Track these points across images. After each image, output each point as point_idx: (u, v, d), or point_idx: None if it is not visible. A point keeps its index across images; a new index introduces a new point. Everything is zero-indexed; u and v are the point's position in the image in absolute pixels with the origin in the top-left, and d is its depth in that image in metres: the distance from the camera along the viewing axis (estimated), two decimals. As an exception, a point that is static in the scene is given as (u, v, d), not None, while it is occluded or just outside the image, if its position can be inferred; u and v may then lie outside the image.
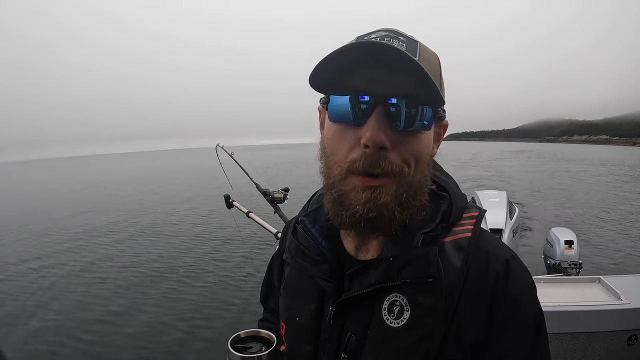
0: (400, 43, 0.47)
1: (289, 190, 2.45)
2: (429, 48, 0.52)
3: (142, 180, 21.60)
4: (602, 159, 32.80)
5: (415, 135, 0.49)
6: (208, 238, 7.75)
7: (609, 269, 5.52)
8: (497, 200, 4.44)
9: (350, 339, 0.55)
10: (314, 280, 0.60)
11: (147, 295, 4.93)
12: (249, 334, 0.57)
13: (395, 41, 0.47)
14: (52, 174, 35.18)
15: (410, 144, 0.49)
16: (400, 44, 0.47)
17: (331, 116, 0.51)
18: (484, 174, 20.29)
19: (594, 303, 2.01)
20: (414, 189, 0.51)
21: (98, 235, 8.40)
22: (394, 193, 0.49)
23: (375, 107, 0.47)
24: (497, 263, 0.52)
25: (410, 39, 0.50)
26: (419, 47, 0.49)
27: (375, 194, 0.49)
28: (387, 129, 0.47)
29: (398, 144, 0.48)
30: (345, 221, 0.51)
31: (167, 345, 3.71)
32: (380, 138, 0.46)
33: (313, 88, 0.52)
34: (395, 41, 0.47)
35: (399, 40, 0.48)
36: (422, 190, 0.52)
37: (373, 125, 0.47)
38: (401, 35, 0.50)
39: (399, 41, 0.48)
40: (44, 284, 5.44)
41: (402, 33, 0.50)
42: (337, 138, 0.51)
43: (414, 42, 0.50)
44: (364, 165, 0.48)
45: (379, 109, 0.47)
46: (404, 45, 0.47)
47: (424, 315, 0.50)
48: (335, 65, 0.48)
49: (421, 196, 0.52)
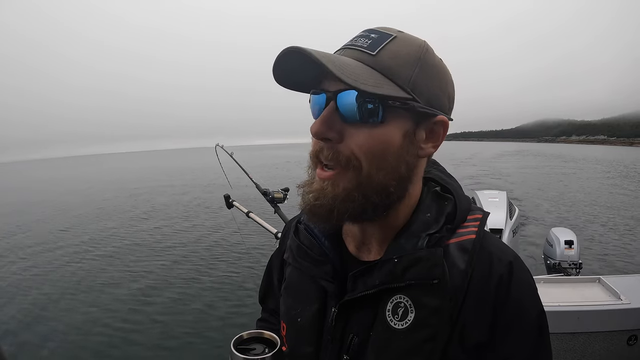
0: (365, 40, 0.49)
1: (289, 190, 2.45)
2: (412, 39, 0.51)
3: (141, 180, 21.59)
4: (599, 159, 32.87)
5: (364, 128, 0.49)
6: (208, 238, 7.74)
7: (609, 269, 5.53)
8: (497, 200, 4.44)
9: (353, 340, 0.55)
10: (316, 281, 0.59)
11: (146, 295, 4.93)
12: (251, 335, 0.57)
13: (362, 39, 0.50)
14: (57, 174, 35.15)
15: (357, 137, 0.49)
16: (365, 41, 0.49)
17: (312, 113, 0.54)
18: (480, 172, 20.35)
19: (594, 303, 2.01)
20: (373, 185, 0.50)
21: (97, 236, 8.40)
22: (345, 186, 0.50)
23: (328, 103, 0.50)
24: (501, 265, 0.52)
25: (383, 34, 0.50)
26: (388, 40, 0.49)
27: (324, 184, 0.51)
28: (336, 122, 0.49)
29: (347, 137, 0.49)
30: (304, 207, 0.53)
31: (168, 347, 3.71)
32: (318, 129, 0.49)
33: (296, 90, 0.55)
34: (363, 39, 0.50)
35: (367, 38, 0.50)
36: (379, 190, 0.51)
37: (319, 118, 0.49)
38: (375, 32, 0.50)
39: (367, 38, 0.49)
40: (27, 289, 5.40)
41: (378, 30, 0.51)
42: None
43: (386, 36, 0.50)
44: (313, 152, 0.52)
45: (331, 104, 0.49)
46: (369, 42, 0.49)
47: (428, 316, 0.50)
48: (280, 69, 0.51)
49: (375, 196, 0.51)
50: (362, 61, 0.48)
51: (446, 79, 0.54)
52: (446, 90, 0.54)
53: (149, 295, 4.95)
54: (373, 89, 0.46)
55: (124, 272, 5.88)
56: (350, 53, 0.49)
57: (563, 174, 20.23)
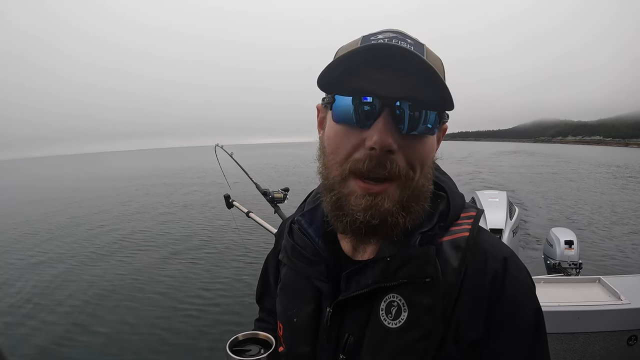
0: (408, 45, 0.47)
1: (288, 190, 2.45)
2: (434, 52, 0.52)
3: (141, 180, 21.60)
4: (597, 159, 32.88)
5: (420, 139, 0.49)
6: (208, 238, 7.74)
7: (609, 269, 5.52)
8: (497, 200, 4.44)
9: (348, 339, 0.54)
10: (310, 281, 0.59)
11: (146, 295, 4.93)
12: (247, 337, 0.57)
13: (402, 43, 0.47)
14: (59, 171, 35.20)
15: (415, 148, 0.49)
16: (408, 46, 0.46)
17: (335, 116, 0.50)
18: (476, 170, 20.42)
19: (594, 303, 2.01)
20: (417, 193, 0.50)
21: (95, 235, 8.39)
22: (396, 199, 0.49)
23: (383, 110, 0.46)
24: (495, 261, 0.52)
25: (416, 42, 0.49)
26: (425, 49, 0.49)
27: (376, 200, 0.48)
28: (394, 132, 0.47)
29: (404, 147, 0.48)
30: (347, 227, 0.51)
31: (166, 348, 3.70)
32: (387, 141, 0.46)
33: (320, 88, 0.52)
34: (403, 43, 0.47)
35: (407, 42, 0.47)
36: (425, 195, 0.52)
37: (381, 128, 0.46)
38: (408, 37, 0.49)
39: (406, 43, 0.47)
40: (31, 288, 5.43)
41: (409, 35, 0.50)
42: (340, 138, 0.50)
43: (420, 44, 0.49)
44: (368, 166, 0.47)
45: (386, 112, 0.46)
46: (412, 47, 0.47)
47: (422, 315, 0.50)
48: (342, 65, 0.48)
49: (424, 201, 0.52)
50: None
51: None
52: None
53: (146, 294, 4.94)
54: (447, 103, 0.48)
55: (122, 271, 5.87)
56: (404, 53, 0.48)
57: (563, 174, 20.23)
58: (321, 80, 0.50)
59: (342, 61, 0.47)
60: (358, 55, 0.46)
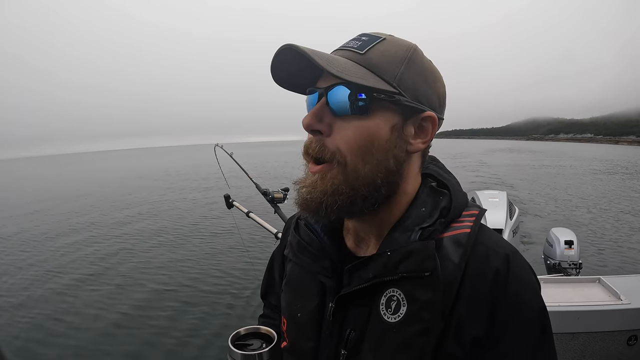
0: (356, 42, 0.52)
1: (288, 190, 2.45)
2: (401, 41, 0.54)
3: (141, 179, 21.60)
4: (580, 156, 32.92)
5: (352, 121, 0.51)
6: (208, 238, 7.74)
7: (609, 269, 5.52)
8: (497, 200, 4.45)
9: (350, 334, 0.55)
10: (315, 277, 0.60)
11: (146, 295, 4.93)
12: (249, 331, 0.58)
13: (353, 42, 0.53)
14: (55, 172, 35.24)
15: (345, 131, 0.51)
16: (356, 43, 0.52)
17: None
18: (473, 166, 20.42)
19: (594, 303, 2.01)
20: (360, 178, 0.51)
21: (95, 234, 8.40)
22: (333, 179, 0.51)
23: (321, 99, 0.52)
24: (497, 259, 0.51)
25: (373, 37, 0.53)
26: (377, 41, 0.52)
27: (314, 178, 0.52)
28: (326, 115, 0.51)
29: (336, 130, 0.51)
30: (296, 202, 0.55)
31: (168, 344, 3.71)
32: (308, 121, 0.51)
33: (294, 91, 0.58)
34: (354, 41, 0.53)
35: (358, 40, 0.52)
36: (374, 182, 0.52)
37: (310, 112, 0.52)
38: (366, 35, 0.53)
39: (358, 41, 0.52)
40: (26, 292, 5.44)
41: (370, 33, 0.53)
42: None
43: (375, 38, 0.52)
44: (305, 147, 0.53)
45: (322, 99, 0.52)
46: (359, 43, 0.52)
47: (420, 310, 0.49)
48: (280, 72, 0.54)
49: (366, 189, 0.51)
50: (351, 59, 0.51)
51: (435, 78, 0.55)
52: (436, 89, 0.55)
53: (147, 293, 4.95)
54: (358, 80, 0.48)
55: (122, 271, 5.88)
56: (342, 53, 0.52)
57: (563, 174, 20.24)
58: (290, 88, 0.57)
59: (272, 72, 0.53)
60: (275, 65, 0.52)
